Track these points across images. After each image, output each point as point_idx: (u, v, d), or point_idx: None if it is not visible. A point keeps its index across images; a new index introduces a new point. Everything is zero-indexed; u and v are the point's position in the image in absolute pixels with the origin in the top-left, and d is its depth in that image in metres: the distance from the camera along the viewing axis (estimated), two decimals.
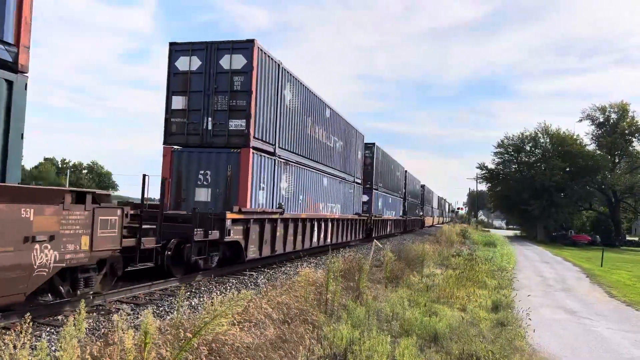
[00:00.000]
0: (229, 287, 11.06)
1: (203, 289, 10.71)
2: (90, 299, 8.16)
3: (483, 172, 66.41)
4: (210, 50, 13.65)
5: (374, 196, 30.13)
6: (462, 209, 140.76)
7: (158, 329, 6.03)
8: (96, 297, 8.48)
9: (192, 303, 9.24)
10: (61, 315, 7.69)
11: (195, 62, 13.76)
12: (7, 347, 4.02)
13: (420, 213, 57.79)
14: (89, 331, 6.80)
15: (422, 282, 13.63)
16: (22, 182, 7.00)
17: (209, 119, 13.61)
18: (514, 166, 63.67)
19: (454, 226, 53.81)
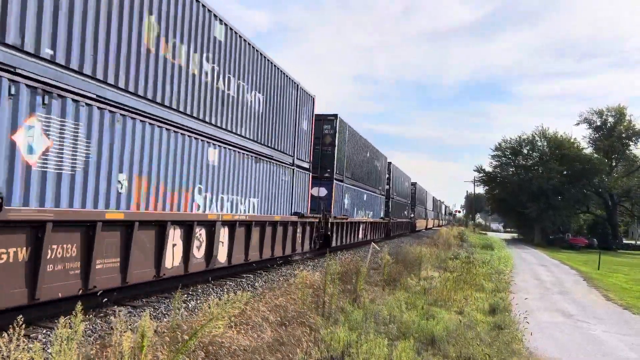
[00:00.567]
0: (226, 290, 11.05)
1: (200, 291, 10.70)
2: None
3: (481, 175, 66.57)
4: None
5: (336, 190, 21.33)
6: (460, 211, 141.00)
7: (155, 331, 6.01)
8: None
9: (189, 306, 9.23)
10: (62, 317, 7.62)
11: None
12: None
13: (410, 215, 49.47)
14: (85, 333, 6.78)
15: (419, 285, 13.63)
16: None
17: None
18: (511, 169, 63.74)
19: (452, 229, 53.89)
